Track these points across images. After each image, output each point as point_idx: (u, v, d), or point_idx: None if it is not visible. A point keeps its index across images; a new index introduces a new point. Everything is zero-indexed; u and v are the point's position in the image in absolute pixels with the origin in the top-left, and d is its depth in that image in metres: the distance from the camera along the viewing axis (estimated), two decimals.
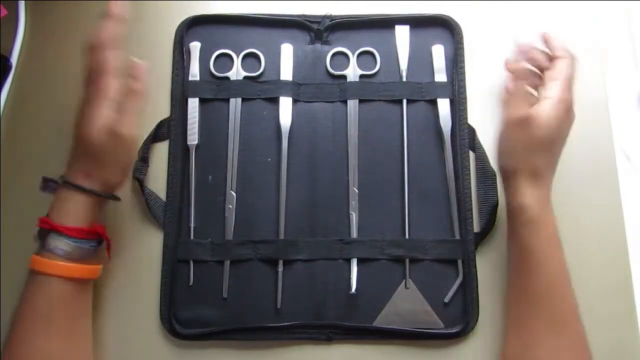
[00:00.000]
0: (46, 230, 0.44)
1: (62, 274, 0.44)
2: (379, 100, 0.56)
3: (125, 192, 0.53)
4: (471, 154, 0.55)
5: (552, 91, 0.46)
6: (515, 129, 0.46)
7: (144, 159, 0.54)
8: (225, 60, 0.58)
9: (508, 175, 0.47)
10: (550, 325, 0.44)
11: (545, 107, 0.45)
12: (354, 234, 0.53)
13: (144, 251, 0.53)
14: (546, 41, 0.50)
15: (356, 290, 0.51)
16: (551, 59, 0.48)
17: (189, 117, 0.55)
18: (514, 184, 0.46)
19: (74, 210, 0.45)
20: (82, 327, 0.47)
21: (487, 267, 0.53)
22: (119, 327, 0.51)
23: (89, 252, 0.46)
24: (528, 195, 0.45)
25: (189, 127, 0.55)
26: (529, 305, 0.45)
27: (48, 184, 0.47)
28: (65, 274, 0.44)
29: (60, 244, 0.44)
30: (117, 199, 0.49)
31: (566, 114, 0.46)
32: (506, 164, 0.47)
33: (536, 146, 0.45)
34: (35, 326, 0.44)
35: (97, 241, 0.47)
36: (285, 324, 0.51)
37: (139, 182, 0.53)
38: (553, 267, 0.44)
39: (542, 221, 0.45)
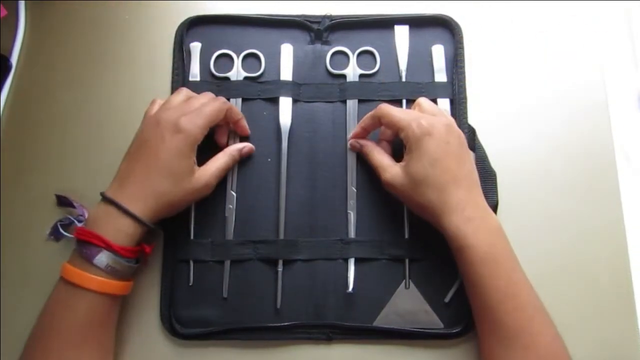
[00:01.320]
0: (95, 245, 0.44)
1: (105, 290, 0.45)
2: (379, 100, 0.56)
3: None
4: (471, 154, 0.55)
5: (404, 135, 0.48)
6: (392, 190, 0.50)
7: None
8: (225, 61, 0.58)
9: (425, 217, 0.49)
10: (501, 340, 0.44)
11: (408, 152, 0.48)
12: (352, 233, 0.53)
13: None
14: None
15: (353, 289, 0.51)
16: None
17: None
18: (432, 221, 0.48)
19: (126, 231, 0.45)
20: (110, 339, 0.48)
21: None
22: (119, 327, 0.51)
23: (133, 270, 0.47)
24: (445, 228, 0.46)
25: None
26: (480, 321, 0.47)
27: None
28: (107, 291, 0.45)
29: (111, 261, 0.44)
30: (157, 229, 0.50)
31: (428, 142, 0.47)
32: (416, 211, 0.50)
33: (418, 189, 0.47)
34: (70, 338, 0.44)
35: (137, 260, 0.48)
36: (285, 324, 0.51)
37: None
38: (494, 287, 0.44)
39: (468, 245, 0.45)
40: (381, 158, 0.51)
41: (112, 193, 0.46)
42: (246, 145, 0.54)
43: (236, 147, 0.53)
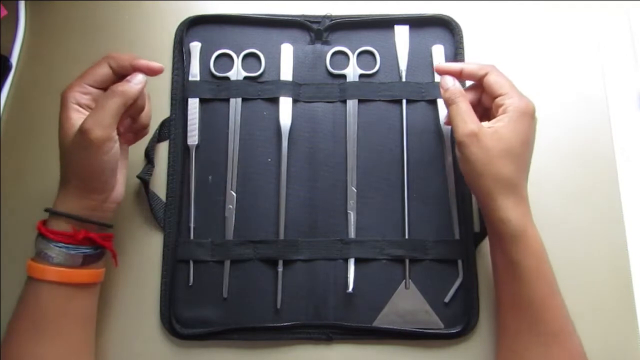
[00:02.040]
0: (40, 236, 0.44)
1: (53, 279, 0.43)
2: (379, 100, 0.56)
3: (125, 192, 0.53)
4: None
5: (509, 101, 0.46)
6: (470, 146, 0.45)
7: (150, 159, 0.54)
8: (225, 61, 0.58)
9: (482, 195, 0.45)
10: (540, 336, 0.43)
11: (505, 118, 0.45)
12: (352, 233, 0.53)
13: (144, 251, 0.53)
14: (461, 71, 0.49)
15: (353, 289, 0.51)
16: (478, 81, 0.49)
17: (189, 117, 0.55)
18: (491, 201, 0.45)
19: (67, 207, 0.44)
20: (80, 332, 0.46)
21: (487, 267, 0.53)
22: (119, 327, 0.51)
23: (82, 259, 0.45)
24: (509, 209, 0.44)
25: (189, 127, 0.55)
26: (519, 317, 0.45)
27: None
28: (56, 279, 0.43)
29: (48, 250, 0.43)
30: (106, 225, 0.46)
31: (528, 122, 0.45)
32: (477, 184, 0.45)
33: (502, 159, 0.44)
34: (26, 330, 0.43)
35: (92, 248, 0.45)
36: (285, 324, 0.51)
37: (144, 183, 0.53)
38: (541, 280, 0.44)
39: (527, 234, 0.44)
40: (468, 108, 0.46)
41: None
42: (148, 64, 0.45)
43: (129, 81, 0.44)
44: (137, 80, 0.45)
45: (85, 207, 0.45)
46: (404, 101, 0.56)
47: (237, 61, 0.57)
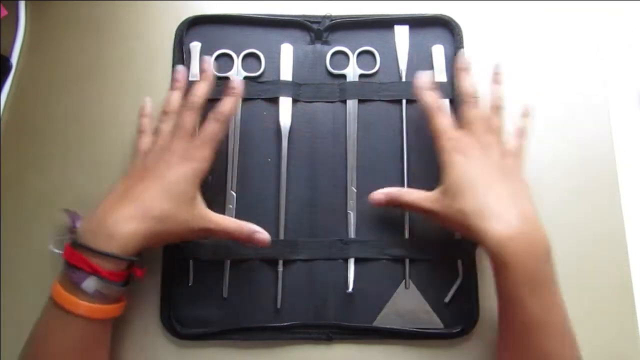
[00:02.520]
0: (83, 270, 0.42)
1: (94, 316, 0.43)
2: (379, 100, 0.56)
3: None
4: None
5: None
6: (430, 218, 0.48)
7: None
8: (225, 61, 0.58)
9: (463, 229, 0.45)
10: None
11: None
12: (352, 233, 0.53)
13: (144, 251, 0.53)
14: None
15: (353, 289, 0.51)
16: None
17: None
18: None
19: (117, 251, 0.43)
20: (101, 356, 0.46)
21: (487, 267, 0.52)
22: (119, 327, 0.51)
23: (121, 292, 0.46)
24: (488, 235, 0.42)
25: None
26: (509, 342, 0.45)
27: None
28: (97, 316, 0.43)
29: (99, 287, 0.42)
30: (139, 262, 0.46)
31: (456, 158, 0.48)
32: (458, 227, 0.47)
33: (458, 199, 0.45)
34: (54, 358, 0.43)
35: (127, 279, 0.46)
36: (285, 323, 0.51)
37: None
38: (531, 312, 0.42)
39: (510, 263, 0.41)
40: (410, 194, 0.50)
41: (106, 211, 0.44)
42: (262, 232, 0.49)
43: (250, 227, 0.49)
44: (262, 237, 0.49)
45: (139, 246, 0.44)
46: (404, 101, 0.56)
47: (237, 61, 0.57)
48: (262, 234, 0.48)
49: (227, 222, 0.48)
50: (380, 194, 0.51)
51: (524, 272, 0.41)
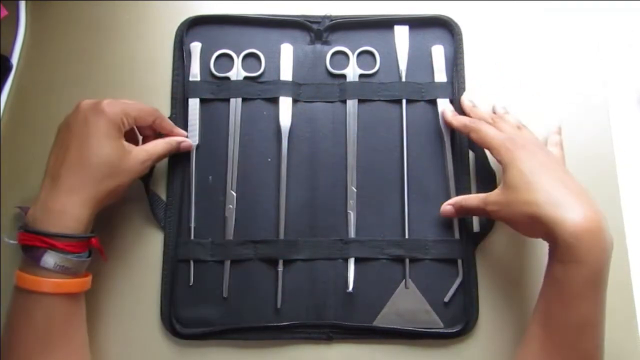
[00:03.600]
0: (38, 247, 0.42)
1: (61, 290, 0.43)
2: (379, 100, 0.56)
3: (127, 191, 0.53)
4: (471, 154, 0.55)
5: (498, 154, 0.47)
6: (492, 214, 0.46)
7: None
8: (225, 61, 0.58)
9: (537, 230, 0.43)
10: (563, 357, 0.41)
11: (504, 168, 0.46)
12: (352, 233, 0.53)
13: (144, 251, 0.53)
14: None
15: (353, 289, 0.51)
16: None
17: (189, 117, 0.55)
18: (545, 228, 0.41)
19: (69, 225, 0.43)
20: (79, 338, 0.46)
21: (487, 267, 0.53)
22: (120, 327, 0.51)
23: (86, 264, 0.45)
24: (561, 228, 0.40)
25: (189, 127, 0.55)
26: (548, 332, 0.42)
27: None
28: (63, 290, 0.43)
29: (59, 260, 0.43)
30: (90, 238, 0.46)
31: (523, 153, 0.46)
32: (527, 229, 0.44)
33: (526, 195, 0.43)
34: (34, 346, 0.43)
35: (90, 251, 0.46)
36: (285, 323, 0.51)
37: (145, 183, 0.53)
38: (587, 311, 0.41)
39: (583, 260, 0.39)
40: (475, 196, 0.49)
41: (46, 193, 0.44)
42: (185, 140, 0.53)
43: (175, 139, 0.52)
44: (187, 145, 0.54)
45: (92, 214, 0.45)
46: (404, 101, 0.56)
47: (237, 61, 0.57)
48: (186, 142, 0.53)
49: (157, 146, 0.50)
50: (447, 205, 0.51)
51: (596, 267, 0.39)
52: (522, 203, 0.43)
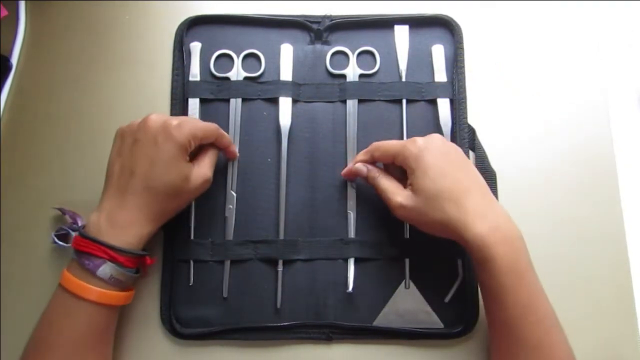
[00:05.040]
0: (98, 257, 0.43)
1: (107, 301, 0.44)
2: (379, 100, 0.56)
3: None
4: (471, 154, 0.55)
5: (403, 155, 0.48)
6: (404, 214, 0.48)
7: None
8: (225, 61, 0.58)
9: (443, 233, 0.46)
10: (520, 354, 0.43)
11: (413, 172, 0.47)
12: (352, 233, 0.53)
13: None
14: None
15: (353, 289, 0.51)
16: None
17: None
18: (454, 236, 0.45)
19: (129, 241, 0.45)
20: (110, 347, 0.48)
21: None
22: (119, 327, 0.51)
23: (134, 279, 0.47)
24: (471, 239, 0.43)
25: None
26: (498, 336, 0.45)
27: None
28: (109, 302, 0.44)
29: (115, 273, 0.44)
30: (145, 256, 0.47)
31: (432, 154, 0.47)
32: (432, 231, 0.47)
33: (435, 203, 0.45)
34: (71, 349, 0.44)
35: (139, 267, 0.47)
36: (285, 323, 0.51)
37: None
38: (517, 299, 0.43)
39: (494, 256, 0.42)
40: (389, 183, 0.49)
41: (112, 204, 0.45)
42: (235, 151, 0.54)
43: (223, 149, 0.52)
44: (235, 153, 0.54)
45: (152, 232, 0.47)
46: (404, 101, 0.56)
47: (237, 61, 0.57)
48: (233, 146, 0.53)
49: (211, 155, 0.51)
50: (363, 166, 0.51)
51: (509, 260, 0.43)
52: (433, 218, 0.45)
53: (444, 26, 0.59)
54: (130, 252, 0.45)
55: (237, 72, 0.57)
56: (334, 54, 0.58)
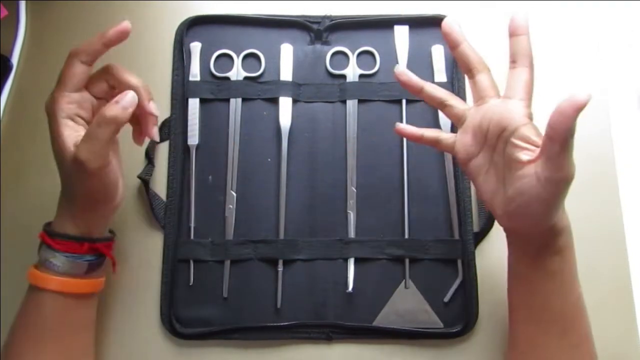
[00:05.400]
0: (49, 247, 0.43)
1: (56, 289, 0.43)
2: (379, 100, 0.56)
3: (126, 192, 0.53)
4: None
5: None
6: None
7: (150, 159, 0.54)
8: (225, 61, 0.58)
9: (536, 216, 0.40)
10: (567, 346, 0.42)
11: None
12: (352, 233, 0.53)
13: (144, 251, 0.53)
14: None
15: (353, 289, 0.51)
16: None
17: (189, 117, 0.56)
18: (553, 215, 0.40)
19: (70, 225, 0.44)
20: (80, 341, 0.46)
21: (487, 267, 0.53)
22: (120, 327, 0.51)
23: (86, 267, 0.45)
24: (563, 218, 0.41)
25: (189, 127, 0.55)
26: (547, 329, 0.43)
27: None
28: (60, 289, 0.43)
29: (53, 258, 0.43)
30: (109, 236, 0.47)
31: None
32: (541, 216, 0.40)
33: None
34: (27, 339, 0.43)
35: (96, 256, 0.45)
36: (285, 323, 0.51)
37: (145, 183, 0.53)
38: (574, 287, 0.42)
39: (570, 244, 0.42)
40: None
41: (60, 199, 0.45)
42: (127, 94, 0.42)
43: (118, 105, 0.41)
44: (127, 103, 0.41)
45: (90, 217, 0.44)
46: (404, 101, 0.56)
47: (237, 61, 0.57)
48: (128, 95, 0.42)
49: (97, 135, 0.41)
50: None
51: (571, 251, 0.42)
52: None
53: None
54: (59, 235, 0.43)
55: (237, 72, 0.57)
56: (334, 54, 0.58)
